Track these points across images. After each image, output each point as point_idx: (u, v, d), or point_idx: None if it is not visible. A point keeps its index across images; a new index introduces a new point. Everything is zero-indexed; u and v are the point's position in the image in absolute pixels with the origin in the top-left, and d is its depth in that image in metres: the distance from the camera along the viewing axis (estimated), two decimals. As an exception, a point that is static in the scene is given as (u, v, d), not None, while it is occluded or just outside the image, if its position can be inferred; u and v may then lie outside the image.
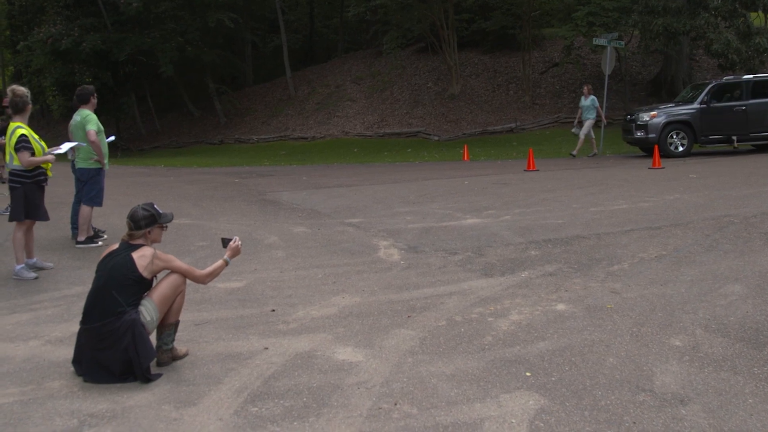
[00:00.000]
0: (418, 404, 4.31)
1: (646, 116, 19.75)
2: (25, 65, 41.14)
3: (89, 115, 9.64)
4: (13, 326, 6.23)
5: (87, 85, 10.16)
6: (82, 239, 9.70)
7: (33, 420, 4.29)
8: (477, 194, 13.69)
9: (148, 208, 5.13)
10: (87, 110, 9.71)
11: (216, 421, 4.18)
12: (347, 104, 36.70)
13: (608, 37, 23.26)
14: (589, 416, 4.08)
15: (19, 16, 45.81)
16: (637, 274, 7.22)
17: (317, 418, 4.18)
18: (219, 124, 39.98)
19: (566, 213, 10.87)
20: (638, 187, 13.42)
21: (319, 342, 5.51)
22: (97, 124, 9.67)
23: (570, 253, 8.21)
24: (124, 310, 4.78)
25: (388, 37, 34.92)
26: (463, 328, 5.71)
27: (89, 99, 9.82)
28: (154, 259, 4.96)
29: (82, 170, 9.77)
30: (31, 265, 8.23)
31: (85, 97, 9.79)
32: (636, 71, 33.28)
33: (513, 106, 32.26)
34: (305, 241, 9.66)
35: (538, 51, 35.44)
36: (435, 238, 9.47)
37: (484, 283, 7.12)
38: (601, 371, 4.73)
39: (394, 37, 34.49)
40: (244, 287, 7.33)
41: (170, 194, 15.54)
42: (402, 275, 7.58)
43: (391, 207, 12.39)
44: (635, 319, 5.79)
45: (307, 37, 49.92)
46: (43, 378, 4.97)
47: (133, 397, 4.57)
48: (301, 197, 14.46)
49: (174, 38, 35.83)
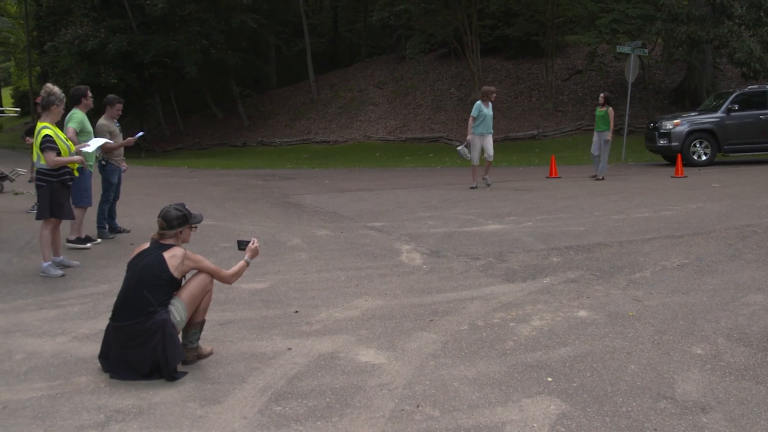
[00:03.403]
0: (440, 407, 4.35)
1: (669, 124, 19.68)
2: (52, 66, 41.42)
3: (74, 114, 9.64)
4: (41, 322, 6.31)
5: (80, 86, 10.14)
6: (72, 238, 9.71)
7: (61, 414, 4.36)
8: (499, 200, 13.70)
9: (180, 208, 5.18)
10: (77, 110, 9.71)
11: (240, 419, 4.24)
12: (370, 108, 36.75)
13: (632, 45, 23.19)
14: (610, 422, 4.10)
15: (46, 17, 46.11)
16: (659, 282, 7.22)
17: (340, 418, 4.23)
18: (242, 127, 40.12)
19: (588, 220, 10.87)
20: (661, 196, 13.38)
21: (342, 343, 5.56)
22: (80, 122, 9.60)
23: (592, 261, 8.22)
24: (155, 310, 4.84)
25: (411, 42, 34.92)
26: (485, 333, 5.74)
27: (80, 100, 9.78)
28: (185, 259, 5.01)
29: None
30: (58, 263, 8.32)
31: (75, 97, 9.79)
32: (659, 79, 33.12)
33: (535, 112, 32.20)
34: (328, 244, 9.72)
35: (561, 58, 35.35)
36: (457, 243, 9.50)
37: (506, 288, 7.14)
38: (622, 378, 4.75)
39: (417, 42, 34.47)
40: (267, 288, 7.39)
41: (194, 196, 15.63)
42: (424, 279, 7.62)
43: (414, 211, 12.43)
44: (657, 326, 5.80)
45: (331, 41, 50.06)
46: (70, 373, 5.05)
47: (158, 394, 4.64)
48: (323, 200, 14.53)
49: (198, 40, 35.99)
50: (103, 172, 10.54)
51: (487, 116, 15.71)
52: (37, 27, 50.34)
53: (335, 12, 49.23)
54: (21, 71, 65.76)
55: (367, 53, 46.26)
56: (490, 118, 15.81)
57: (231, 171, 24.51)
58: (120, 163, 10.67)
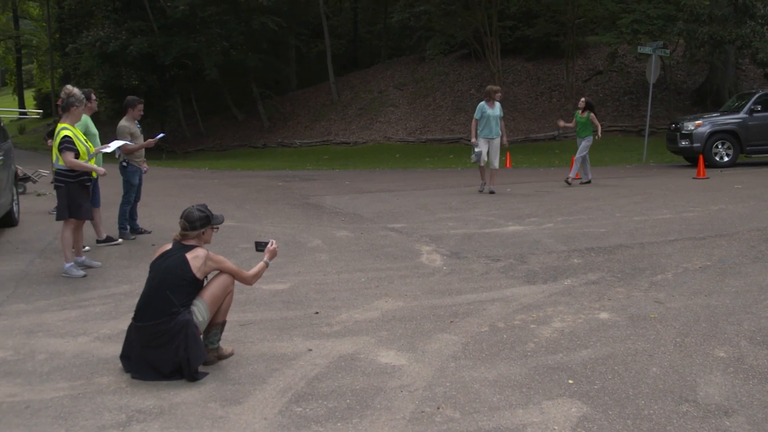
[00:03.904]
0: (460, 409, 4.34)
1: (691, 125, 19.56)
2: (74, 68, 41.76)
3: None
4: (63, 323, 6.36)
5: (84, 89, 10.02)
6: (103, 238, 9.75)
7: (83, 414, 4.39)
8: (519, 201, 13.67)
9: (202, 209, 5.21)
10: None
11: (261, 420, 4.24)
12: (390, 110, 36.75)
13: (653, 46, 23.08)
14: (632, 425, 4.08)
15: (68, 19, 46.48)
16: (681, 284, 7.18)
17: (360, 419, 4.23)
18: (262, 128, 40.21)
19: (609, 222, 10.82)
20: (682, 197, 13.31)
21: (363, 345, 5.56)
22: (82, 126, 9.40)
23: (613, 262, 8.18)
24: (177, 311, 4.86)
25: (431, 43, 34.88)
26: (506, 335, 5.72)
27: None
28: (207, 260, 5.03)
29: None
30: (80, 264, 8.38)
31: None
32: (681, 80, 32.93)
33: (556, 113, 32.05)
34: (348, 245, 9.73)
35: (582, 59, 35.21)
36: (477, 244, 9.49)
37: (527, 290, 7.12)
38: (644, 381, 4.72)
39: (437, 43, 34.44)
40: (288, 289, 7.41)
41: (214, 197, 15.70)
42: (444, 280, 7.61)
43: (434, 213, 12.42)
44: (679, 329, 5.76)
45: (351, 43, 50.09)
46: (92, 373, 5.08)
47: (179, 395, 4.66)
48: (343, 201, 14.55)
49: (219, 42, 36.15)
50: (124, 173, 10.60)
51: (491, 118, 14.89)
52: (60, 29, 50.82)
53: (355, 13, 49.25)
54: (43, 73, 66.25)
55: (387, 54, 46.23)
56: (495, 120, 14.94)
57: (251, 172, 24.60)
58: (141, 165, 10.73)
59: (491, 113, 14.87)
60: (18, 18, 62.64)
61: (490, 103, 14.91)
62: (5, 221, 11.43)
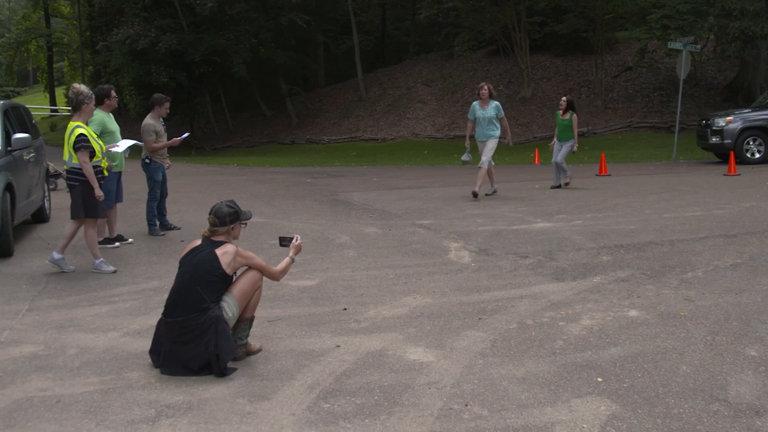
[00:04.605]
0: (488, 406, 4.33)
1: (721, 121, 19.33)
2: (104, 65, 42.09)
3: (93, 117, 9.34)
4: (93, 318, 6.43)
5: (104, 86, 10.08)
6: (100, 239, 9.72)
7: (112, 409, 4.43)
8: (548, 198, 13.62)
9: (231, 205, 5.24)
10: (98, 111, 9.49)
11: (289, 416, 4.26)
12: (418, 106, 36.70)
13: (683, 41, 22.86)
14: (662, 424, 4.05)
15: (98, 17, 46.87)
16: (711, 282, 7.11)
17: (388, 416, 4.23)
18: (291, 125, 40.32)
19: (639, 218, 10.75)
20: (713, 194, 13.19)
21: (391, 341, 5.57)
22: (100, 124, 9.51)
23: (642, 259, 8.12)
24: (207, 306, 4.89)
25: (459, 40, 34.79)
26: (534, 332, 5.70)
27: (102, 100, 9.69)
28: (237, 256, 5.07)
29: None
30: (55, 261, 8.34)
31: (98, 98, 9.58)
32: (711, 76, 32.59)
33: (585, 110, 31.86)
34: (376, 242, 9.74)
35: (611, 54, 34.93)
36: (506, 241, 9.46)
37: (556, 287, 7.09)
38: (674, 379, 4.68)
39: (465, 39, 34.35)
40: (316, 285, 7.43)
41: (243, 193, 15.77)
42: (473, 277, 7.60)
43: (462, 209, 12.40)
44: (709, 327, 5.71)
45: (379, 39, 50.04)
46: (121, 368, 5.13)
47: (208, 390, 4.69)
48: (371, 198, 14.56)
49: (247, 39, 36.23)
50: (147, 170, 10.65)
51: (482, 119, 13.73)
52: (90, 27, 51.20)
53: (383, 10, 49.18)
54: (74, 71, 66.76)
55: (415, 51, 46.14)
56: (487, 121, 13.71)
57: (280, 168, 24.68)
58: (163, 161, 10.78)
59: (482, 114, 13.74)
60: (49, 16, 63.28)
61: (482, 102, 13.76)
62: (37, 217, 11.57)
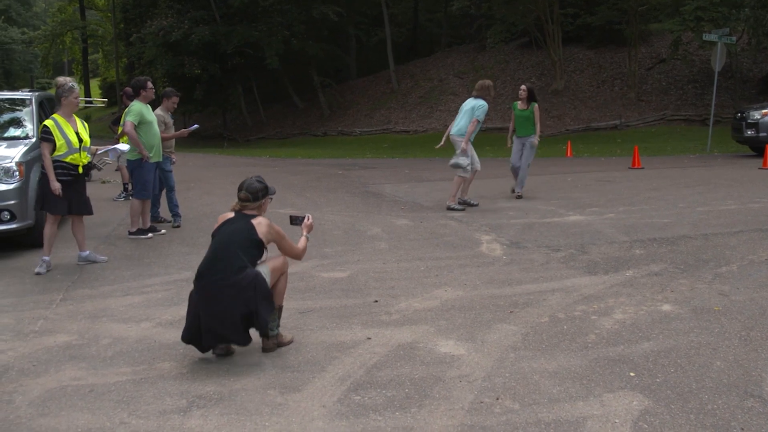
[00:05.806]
0: (519, 400, 4.32)
1: (757, 114, 19.06)
2: (138, 57, 42.38)
3: (132, 107, 9.64)
4: (126, 308, 6.49)
5: (140, 77, 10.15)
6: (133, 230, 9.83)
7: (145, 399, 4.48)
8: (580, 191, 13.53)
9: (261, 180, 5.35)
10: (136, 102, 9.69)
11: (319, 408, 4.27)
12: (450, 98, 36.56)
13: (718, 33, 22.57)
14: (695, 420, 4.01)
15: (132, 9, 47.14)
16: (746, 276, 7.03)
17: (419, 409, 4.23)
18: (323, 116, 40.39)
19: (672, 212, 10.65)
20: (748, 188, 13.03)
21: (422, 334, 5.56)
22: (138, 114, 9.57)
23: (676, 253, 8.05)
24: (245, 266, 4.96)
25: (491, 32, 34.62)
26: (566, 326, 5.67)
27: (139, 91, 9.79)
28: (271, 228, 5.18)
29: (129, 162, 9.82)
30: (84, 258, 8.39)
31: (135, 89, 9.86)
32: (747, 68, 32.17)
33: (617, 102, 31.63)
34: (408, 234, 9.73)
35: (645, 46, 34.60)
36: (538, 234, 9.42)
37: (588, 280, 7.05)
38: (707, 374, 4.64)
39: (498, 31, 34.16)
40: (347, 277, 7.44)
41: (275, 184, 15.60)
42: (504, 270, 7.57)
43: (494, 202, 12.37)
44: (744, 322, 5.65)
45: (411, 31, 49.92)
46: (154, 359, 5.18)
47: (239, 381, 4.72)
48: (403, 190, 14.56)
49: (280, 31, 36.30)
50: None
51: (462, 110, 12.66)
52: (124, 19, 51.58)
53: (415, 1, 49.02)
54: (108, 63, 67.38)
55: (447, 43, 45.99)
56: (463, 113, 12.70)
57: (311, 160, 24.73)
58: (170, 154, 10.80)
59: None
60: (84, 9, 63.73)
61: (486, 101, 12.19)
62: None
